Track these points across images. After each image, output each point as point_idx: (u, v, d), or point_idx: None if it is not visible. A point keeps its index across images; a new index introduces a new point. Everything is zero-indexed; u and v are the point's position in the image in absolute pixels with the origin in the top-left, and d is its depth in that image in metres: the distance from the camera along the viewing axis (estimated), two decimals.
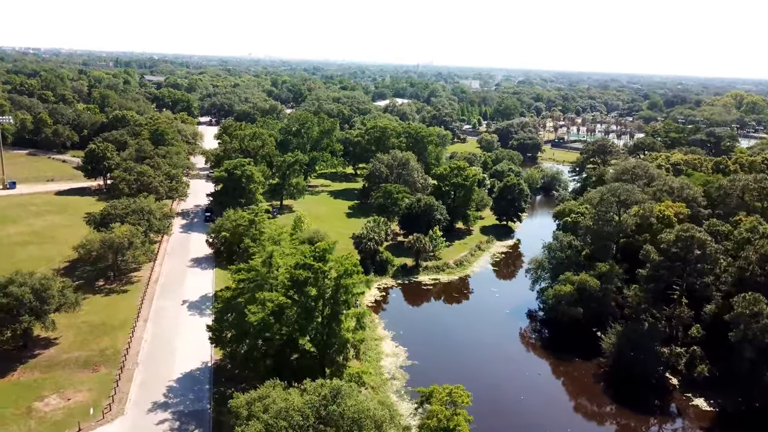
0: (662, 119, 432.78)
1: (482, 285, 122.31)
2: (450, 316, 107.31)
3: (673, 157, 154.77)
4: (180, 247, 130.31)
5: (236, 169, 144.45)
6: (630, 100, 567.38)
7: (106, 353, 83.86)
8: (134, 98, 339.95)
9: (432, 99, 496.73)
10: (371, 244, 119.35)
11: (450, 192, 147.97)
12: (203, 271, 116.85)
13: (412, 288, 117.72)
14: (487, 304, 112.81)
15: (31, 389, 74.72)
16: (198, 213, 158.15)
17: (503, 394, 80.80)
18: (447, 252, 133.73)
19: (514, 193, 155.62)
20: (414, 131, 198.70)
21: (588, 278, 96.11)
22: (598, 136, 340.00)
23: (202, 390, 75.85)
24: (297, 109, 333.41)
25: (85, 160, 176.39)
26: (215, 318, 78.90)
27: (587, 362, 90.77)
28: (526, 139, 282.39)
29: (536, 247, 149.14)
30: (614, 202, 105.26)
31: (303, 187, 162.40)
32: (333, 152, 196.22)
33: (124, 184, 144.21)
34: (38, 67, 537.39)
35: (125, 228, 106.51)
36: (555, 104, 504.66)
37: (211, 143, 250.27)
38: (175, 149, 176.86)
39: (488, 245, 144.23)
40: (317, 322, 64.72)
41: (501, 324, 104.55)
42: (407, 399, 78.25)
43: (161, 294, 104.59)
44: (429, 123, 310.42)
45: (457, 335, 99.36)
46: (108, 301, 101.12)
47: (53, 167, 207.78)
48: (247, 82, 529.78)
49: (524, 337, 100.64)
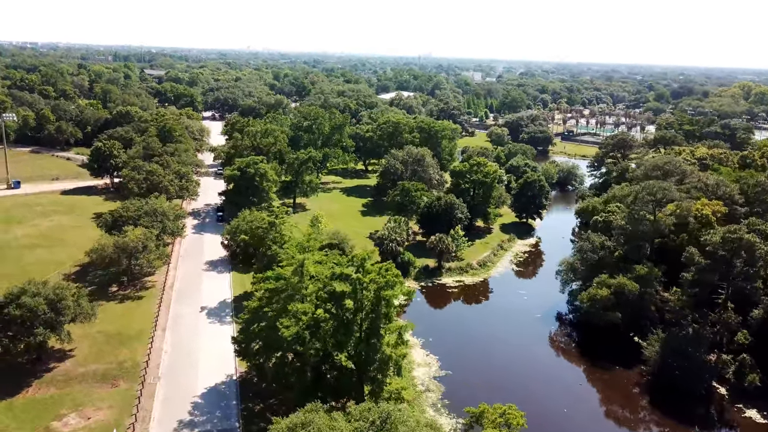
0: (670, 111, 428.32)
1: (508, 287, 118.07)
2: (479, 320, 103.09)
3: (697, 152, 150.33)
4: (193, 249, 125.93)
5: (249, 168, 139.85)
6: (635, 91, 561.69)
7: (125, 366, 79.62)
8: (137, 93, 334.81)
9: (436, 91, 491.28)
10: (393, 245, 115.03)
11: (469, 189, 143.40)
12: (219, 274, 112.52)
13: (436, 291, 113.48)
14: (515, 307, 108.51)
15: (48, 407, 70.54)
16: (209, 212, 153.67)
17: (545, 407, 76.59)
18: (468, 252, 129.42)
19: (534, 189, 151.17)
20: (427, 126, 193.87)
21: (626, 281, 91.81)
22: (608, 129, 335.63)
23: (229, 406, 71.64)
24: (302, 103, 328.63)
25: (91, 158, 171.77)
26: (241, 329, 74.61)
27: (628, 370, 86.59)
28: (537, 133, 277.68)
29: (558, 246, 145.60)
30: (650, 200, 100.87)
31: (316, 185, 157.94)
32: (344, 148, 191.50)
33: (134, 184, 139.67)
34: (37, 62, 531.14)
35: (139, 231, 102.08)
36: (560, 96, 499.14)
37: (217, 139, 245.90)
38: (184, 146, 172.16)
39: (510, 244, 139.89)
40: (356, 337, 60.38)
41: (532, 328, 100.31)
42: (445, 413, 74.18)
43: (178, 300, 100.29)
44: (437, 116, 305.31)
45: (489, 341, 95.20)
46: (123, 308, 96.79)
47: (57, 165, 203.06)
48: (249, 76, 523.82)
49: (557, 343, 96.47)
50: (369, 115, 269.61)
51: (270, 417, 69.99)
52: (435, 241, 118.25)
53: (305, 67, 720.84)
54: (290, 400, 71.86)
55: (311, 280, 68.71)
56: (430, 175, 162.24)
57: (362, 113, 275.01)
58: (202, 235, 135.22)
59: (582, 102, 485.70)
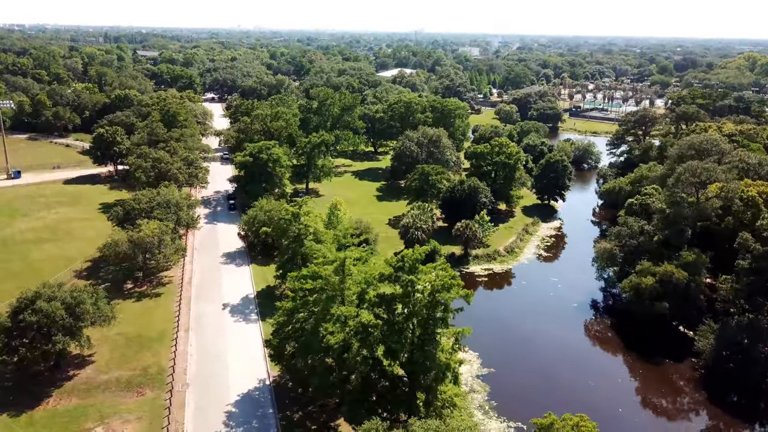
0: (676, 84, 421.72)
1: (538, 274, 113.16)
2: (514, 311, 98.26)
3: (725, 128, 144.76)
4: (208, 240, 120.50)
5: (261, 153, 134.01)
6: (637, 64, 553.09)
7: (150, 372, 74.73)
8: (133, 76, 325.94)
9: (437, 68, 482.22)
10: (419, 234, 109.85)
11: (491, 172, 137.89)
12: (238, 267, 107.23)
13: (465, 280, 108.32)
14: (549, 296, 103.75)
15: (72, 420, 65.73)
16: (220, 200, 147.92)
17: (598, 408, 72.02)
18: (493, 238, 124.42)
19: (557, 170, 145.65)
20: (440, 105, 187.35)
21: (673, 269, 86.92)
22: (615, 104, 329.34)
23: (266, 415, 66.90)
24: (302, 83, 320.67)
25: (93, 145, 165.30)
26: (274, 331, 69.68)
27: (678, 364, 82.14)
28: (546, 109, 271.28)
29: (581, 228, 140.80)
30: (693, 182, 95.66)
31: (329, 169, 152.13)
32: (355, 130, 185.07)
33: (141, 173, 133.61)
34: (27, 45, 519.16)
35: (154, 225, 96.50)
36: (562, 71, 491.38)
37: (219, 122, 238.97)
38: (190, 131, 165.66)
39: (535, 228, 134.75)
40: (409, 344, 55.40)
41: (571, 319, 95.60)
42: (494, 416, 69.68)
43: (198, 297, 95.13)
44: (443, 94, 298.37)
45: (528, 334, 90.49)
46: (141, 307, 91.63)
47: (57, 153, 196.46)
48: (245, 56, 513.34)
49: (599, 334, 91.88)
50: (373, 94, 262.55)
51: (310, 426, 65.75)
52: (461, 228, 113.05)
53: (300, 46, 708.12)
54: (331, 406, 67.50)
55: (352, 280, 63.64)
56: (447, 157, 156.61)
57: (366, 92, 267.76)
58: (216, 225, 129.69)
59: (585, 76, 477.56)
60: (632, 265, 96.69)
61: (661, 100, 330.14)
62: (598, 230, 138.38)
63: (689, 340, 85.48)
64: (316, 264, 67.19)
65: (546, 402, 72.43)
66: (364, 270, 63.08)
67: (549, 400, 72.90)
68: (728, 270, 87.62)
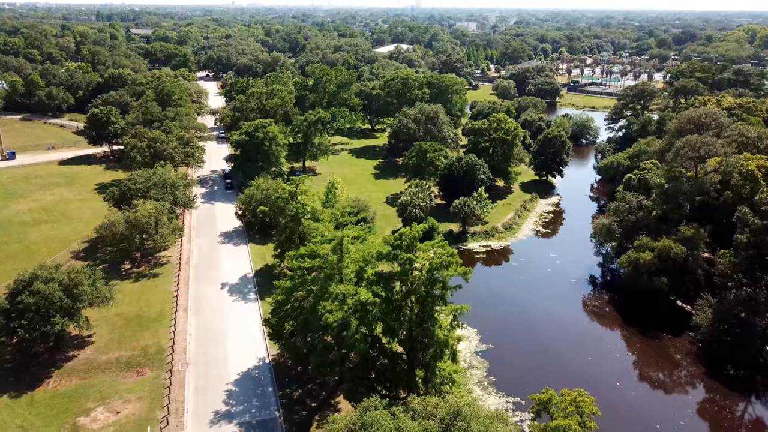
0: (674, 57, 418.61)
1: (537, 249, 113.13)
2: (512, 287, 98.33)
3: (724, 101, 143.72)
4: (205, 220, 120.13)
5: (257, 132, 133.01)
6: (636, 38, 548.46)
7: (149, 352, 74.86)
8: (126, 54, 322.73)
9: (434, 43, 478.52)
10: (417, 212, 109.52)
11: (489, 148, 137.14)
12: (236, 247, 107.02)
13: (463, 257, 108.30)
14: (547, 272, 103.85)
15: (73, 400, 65.94)
16: (217, 179, 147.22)
17: (598, 382, 72.58)
18: (492, 214, 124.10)
19: (555, 146, 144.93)
20: (437, 80, 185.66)
21: (671, 244, 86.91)
22: (614, 78, 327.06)
23: (266, 394, 67.19)
24: (297, 60, 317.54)
25: (87, 125, 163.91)
26: (273, 310, 69.66)
27: (676, 338, 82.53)
28: (544, 84, 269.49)
29: (579, 204, 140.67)
30: (692, 156, 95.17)
31: (326, 147, 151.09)
32: (351, 107, 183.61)
33: (136, 152, 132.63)
34: (18, 24, 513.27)
35: (150, 205, 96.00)
36: (560, 45, 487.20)
37: (214, 101, 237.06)
38: (185, 110, 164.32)
39: (533, 204, 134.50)
40: (407, 322, 55.38)
41: (569, 294, 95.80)
42: (493, 392, 70.08)
43: (197, 277, 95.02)
44: (440, 70, 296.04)
45: (527, 309, 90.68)
46: (139, 287, 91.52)
47: (52, 133, 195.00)
48: (240, 33, 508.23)
49: (597, 309, 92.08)
50: (370, 70, 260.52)
51: (310, 404, 66.06)
52: (459, 206, 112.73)
53: (295, 22, 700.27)
54: (330, 383, 67.82)
55: (350, 258, 63.43)
56: (445, 134, 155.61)
57: (362, 68, 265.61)
58: (213, 205, 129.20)
59: (583, 51, 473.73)
60: (630, 241, 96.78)
61: (660, 74, 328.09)
62: (597, 206, 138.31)
63: (687, 314, 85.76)
64: (314, 243, 66.95)
65: (544, 377, 72.93)
66: (362, 248, 62.85)
67: (548, 376, 73.36)
68: (726, 244, 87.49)
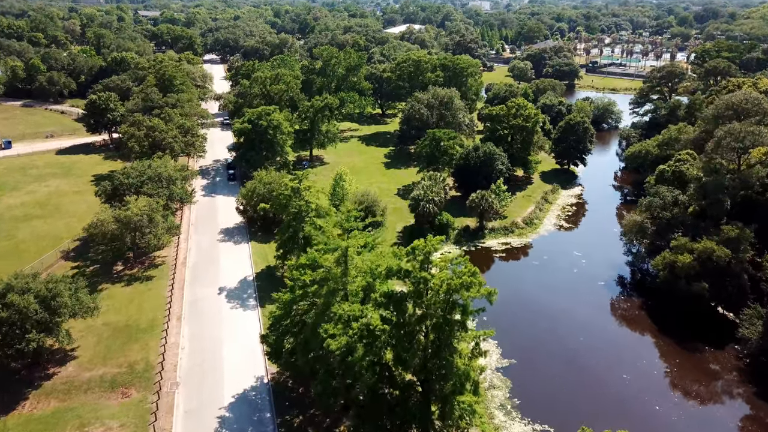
0: (697, 36, 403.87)
1: (560, 247, 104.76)
2: (534, 290, 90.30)
3: (761, 83, 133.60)
4: (206, 215, 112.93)
5: (261, 119, 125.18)
6: (655, 16, 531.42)
7: (137, 369, 67.99)
8: (132, 37, 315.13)
9: (446, 23, 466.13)
10: (431, 207, 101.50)
11: (507, 136, 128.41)
12: (237, 246, 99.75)
13: (480, 256, 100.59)
14: (573, 273, 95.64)
15: (48, 427, 59.35)
16: (219, 170, 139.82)
17: (633, 403, 64.93)
18: (511, 208, 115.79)
19: (578, 132, 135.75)
20: (451, 62, 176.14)
21: (714, 246, 78.39)
22: (634, 59, 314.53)
23: (264, 420, 60.17)
24: (307, 42, 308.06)
25: (86, 112, 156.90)
26: (271, 326, 62.44)
27: (719, 351, 74.42)
28: (562, 65, 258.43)
29: (602, 195, 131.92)
30: (736, 147, 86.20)
31: (334, 135, 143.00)
32: (361, 91, 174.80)
33: (134, 142, 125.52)
34: (26, 7, 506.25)
35: (143, 203, 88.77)
36: (577, 24, 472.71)
37: (220, 85, 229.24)
38: (186, 96, 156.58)
39: (554, 196, 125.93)
40: (422, 350, 47.83)
41: (597, 299, 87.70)
42: (517, 418, 62.54)
43: (193, 280, 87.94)
44: (453, 51, 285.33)
45: (552, 317, 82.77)
46: (131, 292, 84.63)
47: (52, 120, 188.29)
48: (249, 14, 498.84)
49: (629, 316, 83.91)
50: (381, 51, 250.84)
51: None
52: (476, 200, 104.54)
53: (305, 2, 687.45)
54: (335, 408, 60.56)
55: (356, 269, 55.80)
56: (459, 120, 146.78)
57: (373, 50, 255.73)
58: (214, 198, 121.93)
59: (601, 30, 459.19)
60: (664, 239, 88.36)
61: (682, 54, 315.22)
62: (621, 195, 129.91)
63: (730, 323, 77.72)
64: (316, 250, 59.38)
65: (575, 400, 65.59)
66: (369, 259, 55.11)
67: (579, 398, 65.98)
68: None
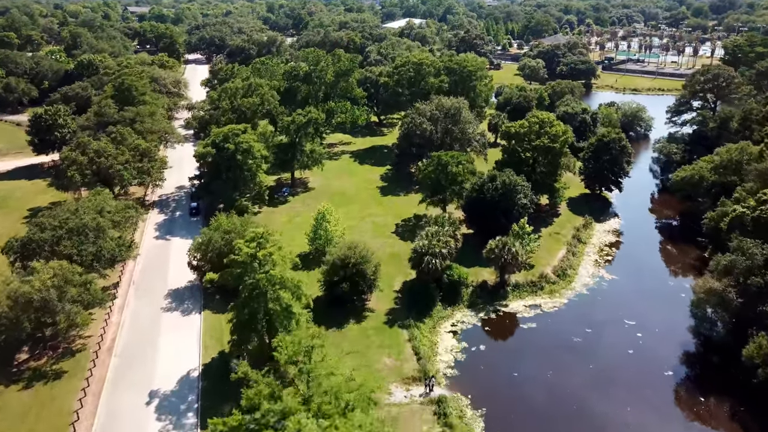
0: (716, 28, 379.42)
1: (606, 313, 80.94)
2: (578, 385, 66.87)
3: None
4: (154, 267, 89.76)
5: (228, 142, 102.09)
6: (668, 7, 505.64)
7: None
8: (111, 36, 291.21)
9: (448, 16, 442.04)
10: (436, 262, 78.31)
11: (530, 159, 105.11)
12: (185, 318, 76.62)
13: (502, 326, 77.61)
14: (627, 354, 72.12)
15: None
16: (181, 201, 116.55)
17: None
18: (537, 251, 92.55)
19: (613, 152, 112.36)
20: (458, 65, 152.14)
21: None
22: (653, 54, 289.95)
23: None
24: (299, 39, 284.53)
25: (30, 129, 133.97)
26: None
27: None
28: (577, 63, 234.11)
29: (644, 228, 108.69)
30: None
31: (320, 154, 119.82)
32: (353, 100, 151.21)
33: (74, 170, 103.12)
34: (9, 3, 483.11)
35: (48, 273, 65.66)
36: (586, 16, 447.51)
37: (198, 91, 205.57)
38: (148, 109, 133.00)
39: (588, 233, 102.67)
40: None
41: (666, 399, 64.60)
42: None
43: (117, 378, 64.89)
44: (457, 48, 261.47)
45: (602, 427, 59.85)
46: (27, 401, 61.62)
47: (3, 134, 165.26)
48: (241, 9, 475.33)
49: (710, 421, 61.05)
50: (378, 50, 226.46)
51: None
52: (497, 249, 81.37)
53: None
54: None
55: None
56: (470, 136, 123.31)
57: (369, 48, 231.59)
58: (168, 241, 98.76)
59: (612, 22, 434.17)
60: (756, 311, 65.36)
61: (704, 48, 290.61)
62: (664, 227, 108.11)
63: None
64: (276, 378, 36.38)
65: None
66: None
67: None
68: None
